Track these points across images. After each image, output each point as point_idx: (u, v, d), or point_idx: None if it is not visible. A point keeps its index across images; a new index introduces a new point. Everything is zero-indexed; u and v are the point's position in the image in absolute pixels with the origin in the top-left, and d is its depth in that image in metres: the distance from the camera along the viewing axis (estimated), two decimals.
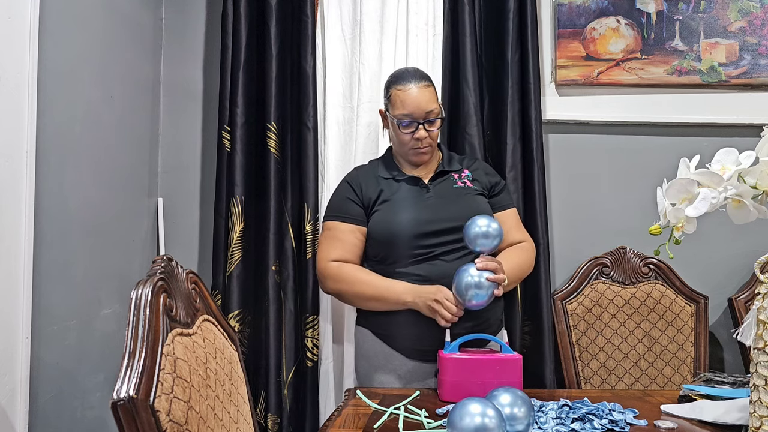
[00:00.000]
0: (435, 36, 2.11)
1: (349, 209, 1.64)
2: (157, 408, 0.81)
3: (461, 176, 1.67)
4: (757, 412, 0.97)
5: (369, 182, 1.66)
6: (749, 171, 1.01)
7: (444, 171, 1.67)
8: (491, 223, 1.44)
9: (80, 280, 1.68)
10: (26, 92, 1.42)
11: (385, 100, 1.66)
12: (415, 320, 1.50)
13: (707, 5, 2.19)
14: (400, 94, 1.59)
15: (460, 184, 1.65)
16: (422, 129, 1.58)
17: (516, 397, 1.08)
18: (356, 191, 1.65)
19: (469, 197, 1.63)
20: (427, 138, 1.60)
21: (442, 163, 1.69)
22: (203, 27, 2.25)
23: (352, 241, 1.62)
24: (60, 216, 1.58)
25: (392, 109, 1.61)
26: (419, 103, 1.57)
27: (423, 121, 1.58)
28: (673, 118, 2.21)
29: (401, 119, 1.58)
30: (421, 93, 1.58)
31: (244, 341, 2.06)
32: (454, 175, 1.67)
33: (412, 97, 1.57)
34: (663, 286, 2.07)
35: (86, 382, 1.71)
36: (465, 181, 1.66)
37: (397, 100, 1.59)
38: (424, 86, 1.59)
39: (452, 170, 1.67)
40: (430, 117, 1.59)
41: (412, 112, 1.57)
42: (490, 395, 1.10)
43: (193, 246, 2.21)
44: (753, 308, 1.00)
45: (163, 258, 1.01)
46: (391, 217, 1.58)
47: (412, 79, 1.59)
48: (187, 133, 2.23)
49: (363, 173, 1.71)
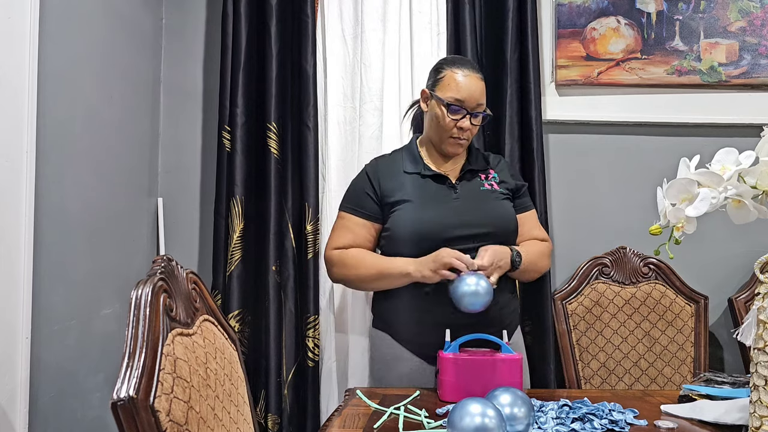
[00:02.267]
0: (439, 35, 2.11)
1: (364, 203, 1.59)
2: (157, 408, 0.81)
3: (488, 177, 1.62)
4: (757, 412, 0.97)
5: (390, 176, 1.60)
6: (749, 171, 1.01)
7: (471, 170, 1.61)
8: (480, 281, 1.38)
9: (80, 280, 1.68)
10: (26, 92, 1.42)
11: (431, 80, 1.59)
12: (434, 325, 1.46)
13: (707, 5, 2.19)
14: (456, 77, 1.53)
15: (487, 186, 1.60)
16: (468, 119, 1.53)
17: (516, 397, 1.08)
18: (374, 185, 1.59)
19: (497, 202, 1.58)
20: (470, 131, 1.55)
21: (468, 160, 1.63)
22: (203, 27, 2.25)
23: (363, 234, 1.58)
24: (60, 216, 1.58)
25: (442, 91, 1.54)
26: (473, 91, 1.52)
27: (472, 112, 1.53)
28: (673, 118, 2.21)
29: (451, 103, 1.52)
30: (477, 83, 1.53)
31: (244, 341, 2.06)
32: (481, 176, 1.62)
33: (468, 84, 1.52)
34: (663, 286, 2.07)
35: (86, 382, 1.71)
36: (492, 183, 1.61)
37: (451, 83, 1.53)
38: (480, 78, 1.55)
39: (479, 169, 1.63)
40: (479, 110, 1.54)
41: (465, 99, 1.52)
42: (490, 395, 1.10)
43: (193, 246, 2.21)
44: (753, 308, 0.99)
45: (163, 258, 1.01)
46: (417, 217, 1.52)
47: (471, 66, 1.55)
48: (187, 133, 2.23)
49: (385, 165, 1.64)
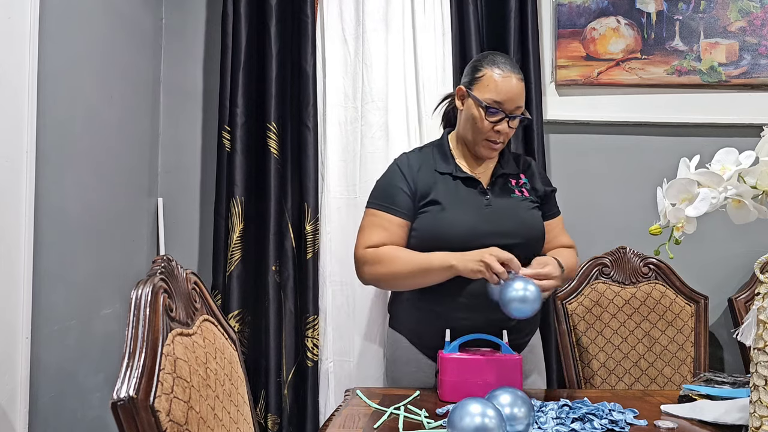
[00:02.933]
0: (444, 35, 2.11)
1: (399, 200, 1.50)
2: (157, 408, 0.81)
3: (518, 183, 1.57)
4: (757, 412, 0.97)
5: (424, 173, 1.52)
6: (749, 171, 1.01)
7: (503, 174, 1.56)
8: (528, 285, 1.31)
9: (80, 280, 1.68)
10: (26, 92, 1.42)
11: (469, 78, 1.52)
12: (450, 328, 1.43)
13: (707, 5, 2.19)
14: (495, 78, 1.46)
15: (518, 193, 1.55)
16: (506, 123, 1.47)
17: (516, 398, 1.08)
18: (408, 181, 1.51)
19: (527, 212, 1.54)
20: (506, 134, 1.50)
21: (500, 164, 1.57)
22: (203, 27, 2.25)
23: (397, 232, 1.50)
24: (60, 216, 1.58)
25: (480, 91, 1.47)
26: (513, 93, 1.46)
27: (510, 115, 1.47)
28: (673, 118, 2.21)
29: (490, 105, 1.46)
30: (517, 85, 1.46)
31: (244, 341, 2.06)
32: (511, 181, 1.56)
33: (508, 85, 1.45)
34: (663, 286, 2.07)
35: (86, 382, 1.71)
36: (522, 190, 1.56)
37: (490, 83, 1.46)
38: (520, 79, 1.48)
39: (510, 173, 1.57)
40: (517, 112, 1.48)
41: (504, 101, 1.45)
42: (490, 395, 1.10)
43: (193, 246, 2.21)
44: (753, 308, 0.99)
45: (163, 258, 1.01)
46: (445, 221, 1.46)
47: (512, 67, 1.48)
48: (187, 133, 2.23)
49: (416, 161, 1.56)
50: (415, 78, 2.11)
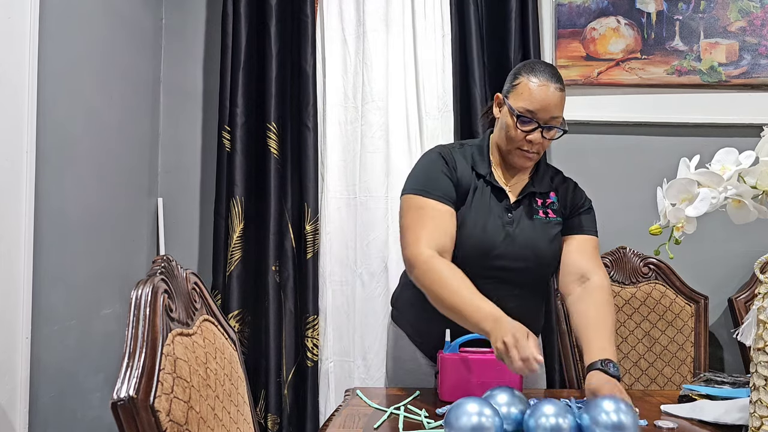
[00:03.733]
0: (444, 36, 2.12)
1: (445, 188, 1.41)
2: (157, 408, 0.81)
3: (545, 202, 1.50)
4: (757, 412, 0.97)
5: (465, 169, 1.46)
6: (749, 171, 1.01)
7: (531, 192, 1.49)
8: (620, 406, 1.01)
9: (80, 280, 1.68)
10: (26, 92, 1.42)
11: (508, 85, 1.47)
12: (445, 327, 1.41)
13: (707, 5, 2.19)
14: (531, 85, 1.40)
15: (542, 214, 1.48)
16: (539, 133, 1.41)
17: (513, 397, 1.08)
18: (453, 171, 1.44)
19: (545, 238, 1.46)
20: (540, 144, 1.43)
21: (532, 181, 1.51)
22: (203, 27, 2.25)
23: (450, 222, 1.39)
24: (60, 216, 1.58)
25: (514, 99, 1.42)
26: (548, 103, 1.40)
27: (544, 125, 1.41)
28: (673, 118, 2.21)
29: (522, 113, 1.40)
30: (554, 94, 1.41)
31: (244, 341, 2.06)
32: (538, 201, 1.50)
33: (543, 95, 1.40)
34: (663, 286, 2.07)
35: (86, 382, 1.71)
36: (548, 211, 1.49)
37: (525, 91, 1.41)
38: (559, 89, 1.42)
39: (539, 192, 1.50)
40: (553, 123, 1.42)
41: (537, 111, 1.40)
42: (488, 395, 1.10)
43: (193, 246, 2.21)
44: (753, 308, 0.99)
45: (163, 258, 1.01)
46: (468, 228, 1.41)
47: (550, 76, 1.43)
48: (187, 133, 2.23)
49: (458, 155, 1.48)
50: (415, 78, 2.11)
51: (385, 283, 2.05)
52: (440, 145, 1.54)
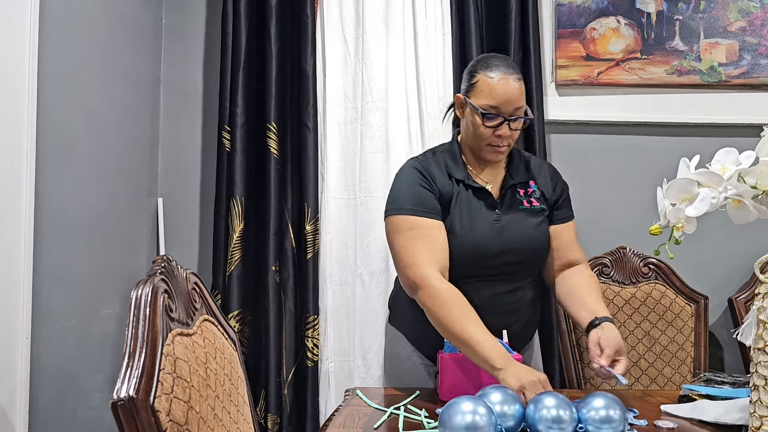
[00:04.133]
0: (444, 35, 2.11)
1: (431, 204, 1.42)
2: (157, 408, 0.81)
3: (527, 192, 1.52)
4: (757, 412, 0.97)
5: (442, 178, 1.47)
6: (749, 171, 1.01)
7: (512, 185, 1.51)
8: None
9: (80, 280, 1.68)
10: (26, 92, 1.42)
11: (465, 84, 1.46)
12: None
13: (707, 5, 2.19)
14: (490, 82, 1.40)
15: (527, 204, 1.50)
16: (506, 126, 1.41)
17: (507, 395, 1.08)
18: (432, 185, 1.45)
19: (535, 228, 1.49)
20: (510, 137, 1.43)
21: (509, 172, 1.52)
22: (203, 27, 2.25)
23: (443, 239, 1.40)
24: (60, 216, 1.58)
25: (476, 97, 1.42)
26: (510, 96, 1.39)
27: (509, 118, 1.41)
28: (673, 118, 2.20)
29: (486, 110, 1.40)
30: (514, 86, 1.40)
31: (244, 341, 2.06)
32: (520, 191, 1.51)
33: (504, 89, 1.39)
34: (663, 286, 2.07)
35: (86, 382, 1.71)
36: (532, 200, 1.51)
37: (485, 88, 1.40)
38: (517, 79, 1.41)
39: (519, 182, 1.52)
40: (517, 114, 1.42)
41: (501, 105, 1.39)
42: (481, 393, 1.10)
43: (193, 246, 2.21)
44: (753, 308, 0.99)
45: (163, 258, 1.01)
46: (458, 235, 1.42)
47: (506, 68, 1.41)
48: (187, 133, 2.23)
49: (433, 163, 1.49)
50: (415, 78, 2.11)
51: (385, 283, 2.05)
52: (412, 159, 1.54)
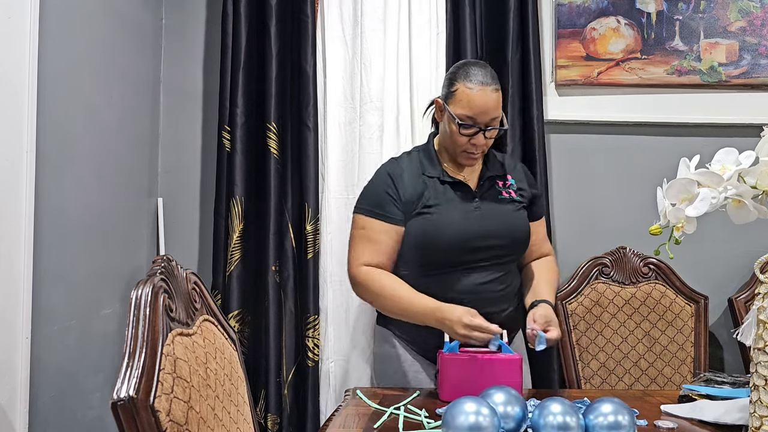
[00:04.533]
0: (438, 35, 2.11)
1: (388, 207, 1.50)
2: (157, 408, 0.81)
3: (506, 184, 1.58)
4: (757, 412, 0.97)
5: (412, 179, 1.52)
6: (749, 171, 1.01)
7: (490, 177, 1.57)
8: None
9: (80, 280, 1.68)
10: (26, 92, 1.42)
11: (445, 90, 1.51)
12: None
13: (707, 5, 2.19)
14: (468, 92, 1.44)
15: (506, 194, 1.56)
16: (482, 135, 1.46)
17: (510, 396, 1.08)
18: (398, 188, 1.51)
19: (515, 213, 1.55)
20: (483, 145, 1.49)
21: (486, 166, 1.58)
22: (203, 27, 2.25)
23: (388, 242, 1.50)
24: (60, 216, 1.58)
25: (454, 106, 1.47)
26: (487, 107, 1.44)
27: (485, 128, 1.46)
28: (673, 118, 2.20)
29: (463, 120, 1.45)
30: (491, 97, 1.44)
31: (244, 341, 2.06)
32: (498, 183, 1.57)
33: (482, 100, 1.44)
34: (663, 286, 2.07)
35: (86, 382, 1.71)
36: (510, 192, 1.57)
37: (463, 98, 1.45)
38: (495, 90, 1.45)
39: (497, 175, 1.58)
40: (493, 124, 1.47)
41: (477, 116, 1.44)
42: (484, 394, 1.10)
43: (193, 246, 2.21)
44: (753, 308, 0.99)
45: (163, 258, 1.01)
46: (437, 225, 1.48)
47: (484, 78, 1.45)
48: (187, 133, 2.23)
49: (406, 166, 1.56)
50: (408, 79, 2.11)
51: None
52: (390, 159, 1.62)
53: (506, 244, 1.51)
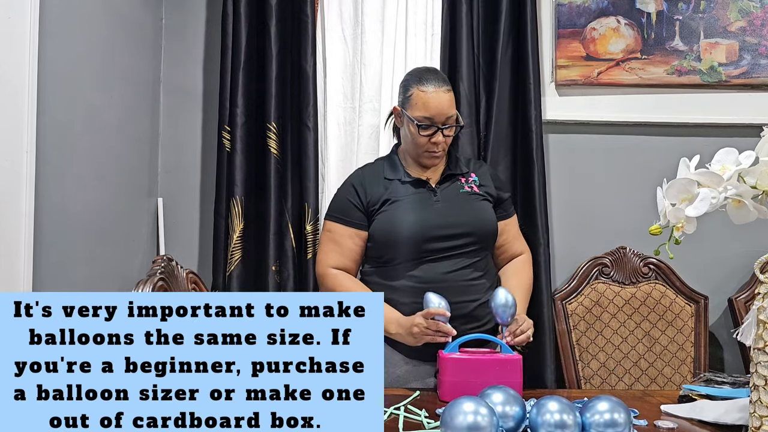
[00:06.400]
0: (433, 36, 2.11)
1: (349, 212, 1.60)
2: None
3: (468, 180, 1.65)
4: (757, 412, 0.97)
5: (374, 183, 1.62)
6: (749, 171, 1.01)
7: (451, 174, 1.64)
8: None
9: (80, 279, 1.68)
10: (26, 92, 1.42)
11: (401, 97, 1.61)
12: None
13: (707, 5, 2.19)
14: (422, 95, 1.54)
15: (467, 188, 1.62)
16: (440, 134, 1.55)
17: (508, 396, 1.08)
18: (359, 194, 1.61)
19: (476, 202, 1.61)
20: (444, 143, 1.57)
21: (448, 166, 1.65)
22: (203, 27, 2.25)
23: (350, 246, 1.60)
24: (60, 216, 1.58)
25: (411, 110, 1.56)
26: (442, 107, 1.54)
27: (442, 126, 1.55)
28: (673, 118, 2.20)
29: (421, 122, 1.54)
30: (444, 98, 1.55)
31: None
32: (461, 179, 1.64)
33: (436, 101, 1.54)
34: (663, 286, 2.07)
35: None
36: (472, 186, 1.63)
37: (419, 101, 1.55)
38: (446, 90, 1.56)
39: (459, 173, 1.65)
40: (449, 122, 1.56)
41: (434, 116, 1.54)
42: (483, 394, 1.10)
43: (193, 246, 2.21)
44: (753, 308, 0.99)
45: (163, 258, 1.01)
46: (396, 219, 1.55)
47: (436, 81, 1.56)
48: (187, 133, 2.23)
49: (368, 173, 1.66)
50: None
51: None
52: (357, 169, 1.72)
53: (469, 231, 1.55)
